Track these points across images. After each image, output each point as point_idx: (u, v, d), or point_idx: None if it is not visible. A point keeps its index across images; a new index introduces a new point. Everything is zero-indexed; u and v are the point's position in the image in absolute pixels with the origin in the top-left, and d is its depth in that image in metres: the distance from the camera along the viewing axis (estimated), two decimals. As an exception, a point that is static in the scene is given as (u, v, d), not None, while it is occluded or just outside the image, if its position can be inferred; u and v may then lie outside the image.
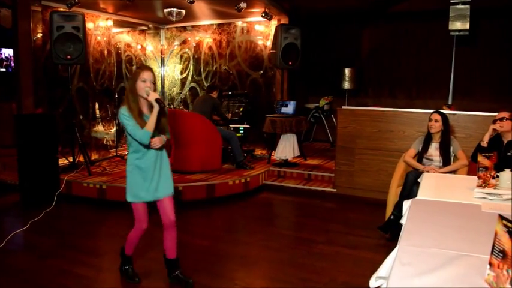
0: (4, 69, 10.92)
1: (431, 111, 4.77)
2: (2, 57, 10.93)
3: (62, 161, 6.64)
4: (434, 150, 4.61)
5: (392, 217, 4.43)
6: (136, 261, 3.73)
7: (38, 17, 7.28)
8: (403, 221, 2.65)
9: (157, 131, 3.25)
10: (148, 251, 4.17)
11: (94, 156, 7.76)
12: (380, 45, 9.26)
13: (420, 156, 4.68)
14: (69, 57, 6.45)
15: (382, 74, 9.33)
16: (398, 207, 4.31)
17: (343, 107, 6.43)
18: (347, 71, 8.98)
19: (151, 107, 3.19)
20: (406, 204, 2.85)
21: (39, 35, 7.36)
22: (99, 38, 8.57)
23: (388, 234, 4.49)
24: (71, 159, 6.83)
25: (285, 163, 7.25)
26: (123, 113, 3.16)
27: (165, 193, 3.43)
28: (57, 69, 7.77)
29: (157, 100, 3.15)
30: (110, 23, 8.85)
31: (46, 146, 5.97)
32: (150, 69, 3.27)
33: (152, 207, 3.43)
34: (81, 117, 7.81)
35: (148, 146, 3.23)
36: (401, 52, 9.04)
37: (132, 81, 3.21)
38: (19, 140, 5.87)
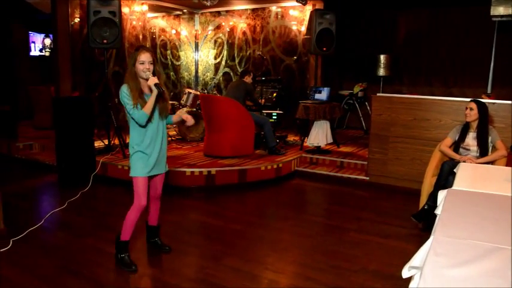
0: (46, 54, 11.20)
1: (468, 99, 4.66)
2: (44, 43, 11.21)
3: (97, 144, 6.80)
4: (471, 140, 4.51)
5: (426, 207, 4.37)
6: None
7: (75, 2, 7.42)
8: (437, 211, 2.61)
9: (160, 114, 3.40)
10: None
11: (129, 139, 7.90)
12: (417, 31, 9.04)
13: (457, 145, 4.58)
14: (105, 41, 6.55)
15: (418, 61, 9.12)
16: (432, 197, 4.25)
17: (378, 94, 6.33)
18: (382, 57, 8.82)
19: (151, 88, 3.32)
20: (441, 194, 2.81)
21: (77, 20, 7.51)
22: (134, 22, 8.68)
23: (421, 223, 4.45)
24: (106, 142, 6.98)
25: (318, 150, 7.22)
26: (124, 91, 3.26)
27: (161, 170, 3.59)
28: (94, 53, 7.92)
29: (156, 85, 3.24)
30: (145, 7, 8.94)
31: (83, 129, 6.11)
32: (148, 50, 3.34)
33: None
34: (116, 100, 7.95)
35: (148, 125, 3.35)
36: (439, 38, 8.81)
37: (131, 63, 3.30)
38: (57, 123, 6.03)
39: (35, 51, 11.12)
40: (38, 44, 11.18)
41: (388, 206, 5.33)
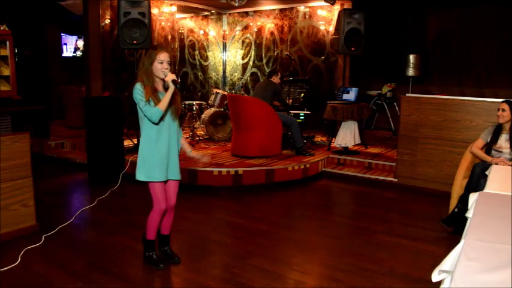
0: (77, 55, 11.43)
1: (500, 100, 4.56)
2: (77, 45, 11.44)
3: (127, 143, 6.90)
4: (504, 142, 4.41)
5: (456, 209, 4.29)
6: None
7: (106, 3, 7.55)
8: (468, 214, 2.56)
9: (171, 114, 3.36)
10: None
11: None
12: (447, 30, 8.87)
13: (489, 147, 4.49)
14: (135, 42, 6.65)
15: (448, 61, 8.95)
16: (463, 200, 4.17)
17: (407, 95, 6.25)
18: (411, 57, 8.69)
19: (165, 85, 3.32)
20: (473, 197, 2.76)
21: (107, 21, 7.64)
22: (163, 23, 8.78)
23: (452, 227, 4.37)
24: (135, 141, 7.08)
25: (345, 151, 7.16)
26: (139, 88, 3.25)
27: (173, 176, 3.49)
28: (124, 54, 8.04)
29: (173, 81, 3.24)
30: (174, 8, 9.03)
31: (112, 128, 6.22)
32: (166, 50, 3.36)
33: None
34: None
35: (160, 123, 3.32)
36: (470, 37, 8.62)
37: (149, 62, 3.28)
38: (87, 122, 6.15)
39: (66, 52, 11.36)
40: (70, 46, 11.42)
41: (417, 208, 5.25)
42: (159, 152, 3.34)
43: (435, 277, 2.08)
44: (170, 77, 3.26)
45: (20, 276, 3.39)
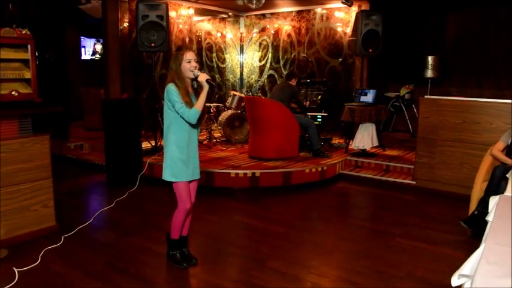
0: (97, 58, 11.57)
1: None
2: (95, 48, 11.59)
3: (145, 145, 6.95)
4: (525, 144, 4.34)
5: (476, 212, 4.23)
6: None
7: (124, 7, 7.63)
8: (489, 217, 2.52)
9: (203, 111, 3.36)
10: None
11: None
12: (467, 32, 8.76)
13: (509, 150, 4.41)
14: (153, 44, 6.70)
15: (468, 62, 8.83)
16: (483, 203, 4.11)
17: (425, 97, 6.18)
18: (430, 58, 8.60)
19: (194, 86, 3.35)
20: (493, 200, 2.72)
21: (126, 24, 7.71)
22: (181, 26, 8.84)
23: (470, 230, 4.31)
24: (153, 143, 7.13)
25: (363, 153, 7.12)
26: (173, 89, 3.26)
27: (196, 175, 3.55)
28: (142, 56, 8.11)
29: (207, 81, 3.25)
30: (191, 11, 9.08)
31: (130, 130, 6.26)
32: (191, 50, 3.37)
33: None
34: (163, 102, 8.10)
35: (194, 126, 3.35)
36: (490, 39, 8.49)
37: (177, 64, 3.31)
38: (106, 124, 6.21)
39: (85, 55, 11.51)
40: (88, 49, 11.56)
41: (435, 211, 5.19)
42: (187, 154, 3.40)
43: (455, 281, 2.05)
44: (203, 77, 3.27)
45: (40, 276, 3.44)
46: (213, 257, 3.87)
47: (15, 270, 3.47)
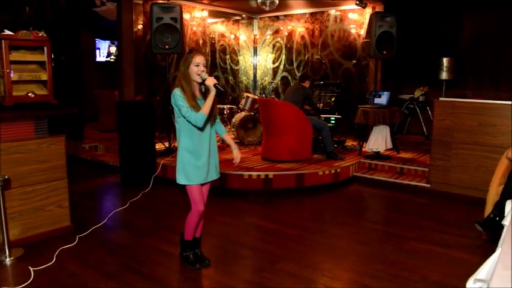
0: (111, 59, 11.67)
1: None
2: (110, 51, 11.69)
3: (158, 146, 6.98)
4: (542, 147, 4.28)
5: (491, 216, 4.18)
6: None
7: (139, 9, 7.69)
8: (505, 222, 2.50)
9: (209, 118, 3.35)
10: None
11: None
12: (482, 33, 8.66)
13: (526, 153, 4.36)
14: (167, 47, 6.74)
15: (483, 64, 8.74)
16: (499, 207, 4.05)
17: (440, 99, 6.12)
18: (445, 60, 8.52)
19: (201, 90, 3.34)
20: (509, 204, 2.69)
21: (140, 27, 7.77)
22: (195, 28, 8.88)
23: (485, 233, 4.26)
24: (167, 144, 7.16)
25: (377, 155, 7.08)
26: (178, 94, 3.26)
27: (212, 177, 3.55)
28: (156, 58, 8.16)
29: (215, 85, 3.24)
30: (205, 13, 9.12)
31: (144, 131, 6.29)
32: (203, 53, 3.36)
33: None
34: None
35: (201, 129, 3.33)
36: (506, 39, 8.40)
37: (185, 66, 3.30)
38: (120, 125, 6.26)
39: (100, 57, 11.61)
40: (103, 51, 11.66)
41: (450, 214, 5.14)
42: (200, 158, 3.39)
43: (470, 286, 2.04)
44: (211, 81, 3.26)
45: (55, 275, 3.48)
46: (225, 258, 3.88)
47: (31, 269, 3.51)
